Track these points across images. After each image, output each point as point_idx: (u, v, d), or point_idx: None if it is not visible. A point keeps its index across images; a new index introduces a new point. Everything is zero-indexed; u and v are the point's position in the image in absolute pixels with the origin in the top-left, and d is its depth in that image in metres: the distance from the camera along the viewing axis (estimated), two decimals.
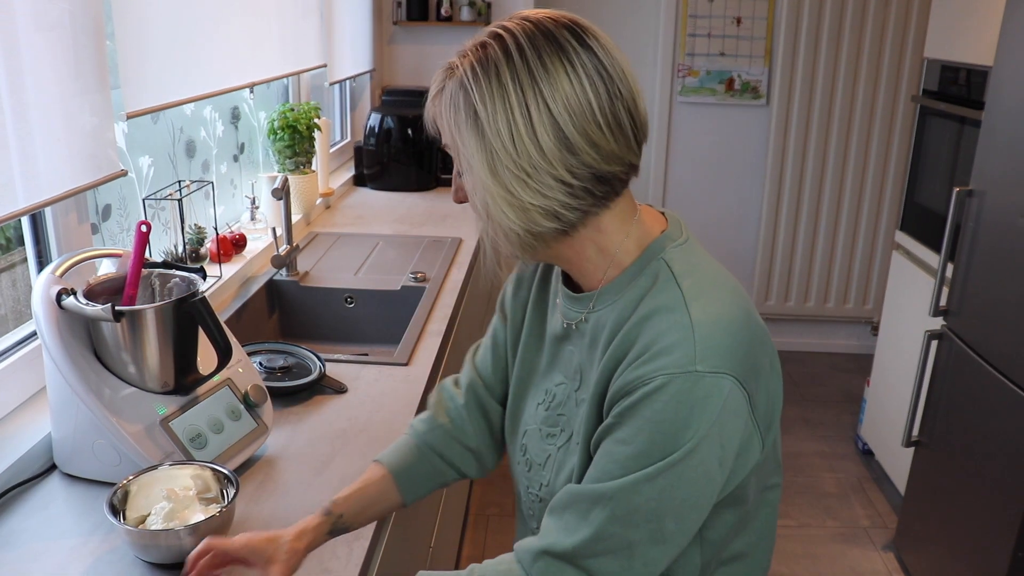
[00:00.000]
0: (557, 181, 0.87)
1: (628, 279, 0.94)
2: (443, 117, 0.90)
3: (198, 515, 1.06)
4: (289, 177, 2.41)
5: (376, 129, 3.09)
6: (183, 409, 1.22)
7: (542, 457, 1.03)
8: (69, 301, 1.14)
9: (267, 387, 1.39)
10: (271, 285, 2.08)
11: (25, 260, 1.44)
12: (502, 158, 0.86)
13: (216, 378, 1.28)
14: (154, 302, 1.26)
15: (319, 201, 2.73)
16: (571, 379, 1.00)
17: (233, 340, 1.30)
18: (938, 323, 2.43)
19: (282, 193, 1.98)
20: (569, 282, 1.02)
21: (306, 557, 1.02)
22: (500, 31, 0.88)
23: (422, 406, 1.54)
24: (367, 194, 3.10)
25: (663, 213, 1.01)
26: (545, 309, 1.07)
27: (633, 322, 0.89)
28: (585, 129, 0.86)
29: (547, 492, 1.02)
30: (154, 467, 1.13)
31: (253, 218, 2.26)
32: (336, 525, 1.06)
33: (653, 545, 0.87)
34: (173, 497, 1.07)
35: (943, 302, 2.40)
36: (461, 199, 0.96)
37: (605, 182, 0.89)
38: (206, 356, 1.26)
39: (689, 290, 0.89)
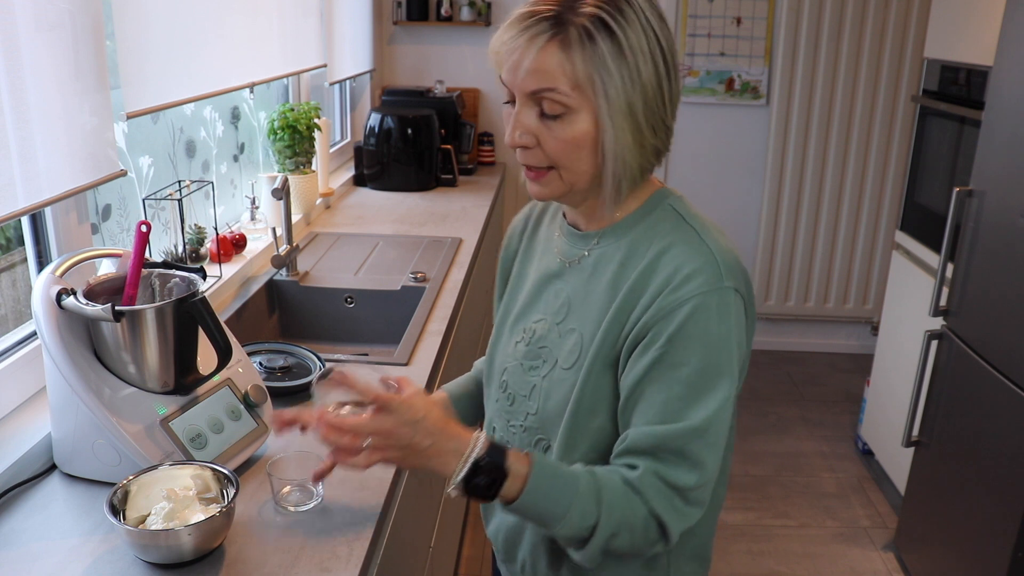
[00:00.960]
0: (663, 124, 0.99)
1: (635, 219, 1.04)
2: (568, 59, 0.93)
3: (198, 515, 1.06)
4: (289, 177, 2.41)
5: (376, 129, 3.09)
6: (183, 409, 1.22)
7: (526, 389, 1.09)
8: (69, 301, 1.14)
9: (267, 387, 1.39)
10: (271, 285, 2.08)
11: (25, 260, 1.44)
12: (639, 100, 0.94)
13: (216, 378, 1.28)
14: (154, 302, 1.26)
15: (319, 201, 2.73)
16: (553, 314, 1.08)
17: (233, 340, 1.30)
18: (938, 323, 2.43)
19: (282, 193, 1.98)
20: (569, 223, 1.11)
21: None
22: None
23: None
24: (367, 194, 3.10)
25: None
26: (531, 257, 1.17)
27: (652, 255, 0.99)
28: (677, 82, 0.99)
29: (534, 421, 1.09)
30: (154, 467, 1.13)
31: (253, 218, 2.26)
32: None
33: (718, 450, 0.98)
34: (173, 497, 1.07)
35: (943, 302, 2.40)
36: (526, 143, 0.98)
37: (672, 131, 1.02)
38: (206, 356, 1.26)
39: (700, 228, 1.01)
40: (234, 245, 2.06)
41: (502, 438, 1.15)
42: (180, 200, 1.70)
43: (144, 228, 1.20)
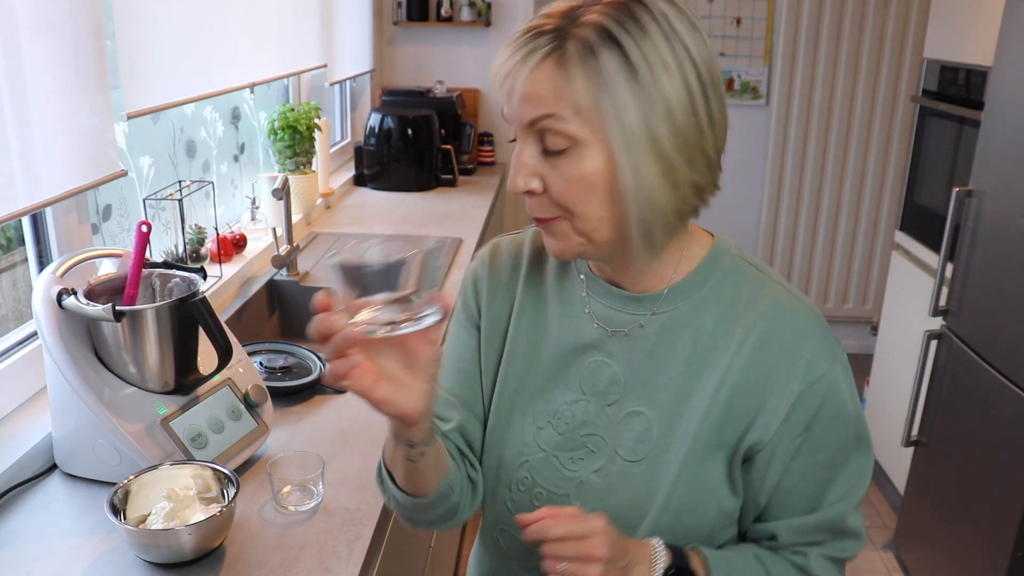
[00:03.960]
0: (703, 155, 0.79)
1: (703, 277, 0.88)
2: (565, 77, 0.75)
3: (198, 515, 1.06)
4: (289, 177, 2.41)
5: (376, 129, 3.10)
6: (183, 409, 1.22)
7: (568, 487, 0.91)
8: (70, 301, 1.15)
9: (267, 387, 1.39)
10: (271, 285, 2.08)
11: (26, 260, 1.44)
12: (663, 126, 0.76)
13: (216, 378, 1.28)
14: (154, 302, 1.26)
15: (319, 201, 2.73)
16: (599, 394, 0.90)
17: (233, 340, 1.30)
18: (938, 323, 2.43)
19: (282, 193, 1.98)
20: (608, 282, 0.92)
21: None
22: None
23: None
24: (367, 194, 3.10)
25: None
26: (542, 314, 0.95)
27: (759, 325, 0.85)
28: (719, 101, 0.80)
29: None
30: (154, 467, 1.13)
31: (253, 218, 2.26)
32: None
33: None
34: (173, 497, 1.07)
35: (943, 302, 2.40)
36: (532, 188, 0.81)
37: (720, 160, 0.83)
38: (206, 356, 1.26)
39: (784, 283, 0.90)
40: (234, 245, 2.06)
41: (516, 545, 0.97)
42: (180, 200, 1.70)
43: (144, 228, 1.20)
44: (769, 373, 0.84)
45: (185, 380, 1.24)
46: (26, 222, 1.41)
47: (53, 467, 1.25)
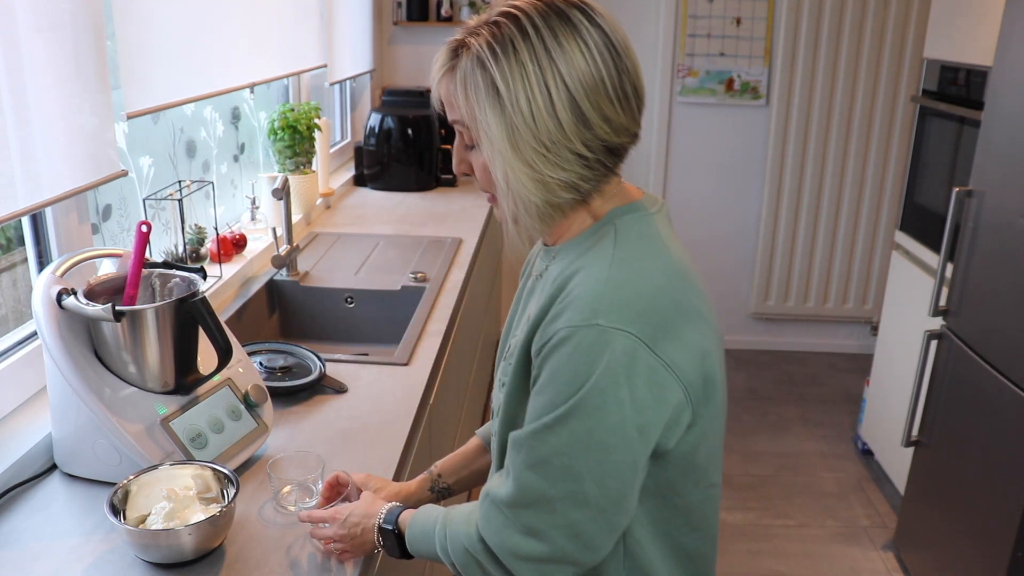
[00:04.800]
0: (574, 155, 0.90)
1: (584, 238, 0.97)
2: (457, 93, 0.91)
3: (198, 515, 1.06)
4: (289, 177, 2.41)
5: (376, 129, 3.10)
6: (183, 409, 1.22)
7: (497, 406, 1.05)
8: (69, 301, 1.15)
9: (267, 387, 1.39)
10: (271, 285, 2.08)
11: (25, 260, 1.44)
12: (523, 134, 0.89)
13: (216, 378, 1.28)
14: (154, 302, 1.26)
15: (319, 201, 2.73)
16: (521, 330, 1.02)
17: (233, 340, 1.30)
18: (938, 323, 2.43)
19: (282, 193, 1.98)
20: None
21: (406, 503, 1.15)
22: (512, 10, 0.91)
23: (422, 406, 1.54)
24: (367, 194, 3.10)
25: (645, 193, 1.04)
26: (531, 274, 1.12)
27: (566, 275, 0.93)
28: (599, 103, 0.90)
29: (496, 439, 1.07)
30: (154, 467, 1.13)
31: (253, 218, 2.26)
32: (436, 483, 1.24)
33: (575, 507, 0.88)
34: (173, 497, 1.07)
35: (943, 302, 2.40)
36: (465, 171, 1.00)
37: (615, 153, 0.94)
38: (206, 356, 1.26)
39: (621, 251, 0.92)
40: (234, 245, 2.06)
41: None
42: (180, 200, 1.70)
43: (144, 228, 1.20)
44: (546, 312, 0.92)
45: (185, 380, 1.24)
46: (26, 222, 1.41)
47: (53, 467, 1.25)
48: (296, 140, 2.46)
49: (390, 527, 1.05)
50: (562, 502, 0.89)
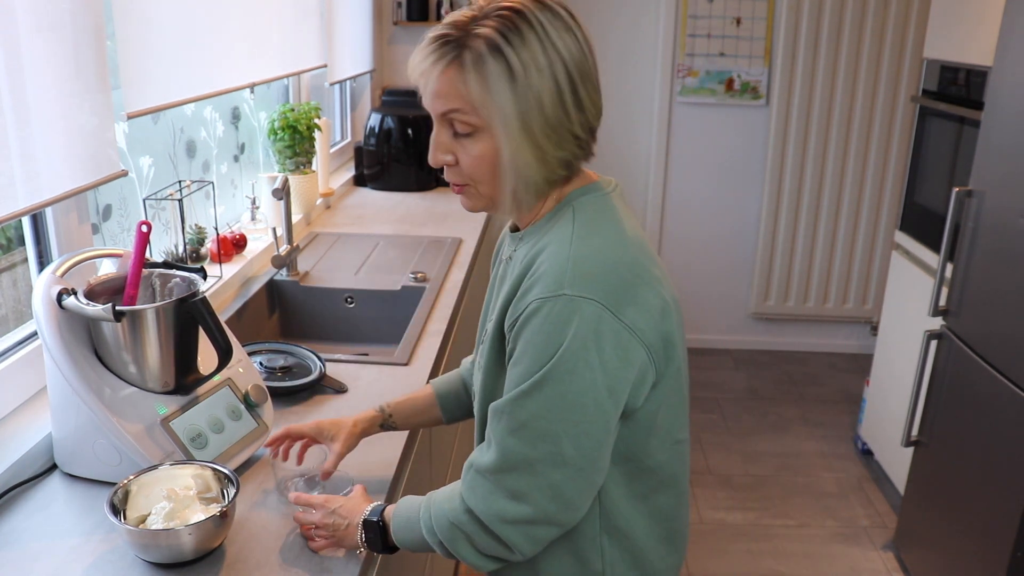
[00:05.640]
0: (571, 135, 0.99)
1: (546, 220, 1.04)
2: (467, 80, 0.95)
3: (198, 515, 1.06)
4: (289, 177, 2.41)
5: (376, 129, 3.10)
6: (183, 409, 1.22)
7: (477, 388, 1.11)
8: (70, 301, 1.15)
9: (267, 387, 1.39)
10: (271, 285, 2.08)
11: (26, 260, 1.44)
12: (535, 116, 0.96)
13: (216, 378, 1.28)
14: (155, 302, 1.26)
15: (319, 201, 2.73)
16: (493, 314, 1.08)
17: (233, 340, 1.31)
18: (938, 323, 2.43)
19: (282, 193, 1.98)
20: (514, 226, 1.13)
21: (360, 441, 1.27)
22: (513, 4, 0.96)
23: None
24: (367, 194, 3.10)
25: (600, 176, 1.11)
26: (500, 266, 1.17)
27: (532, 255, 1.00)
28: (588, 89, 0.99)
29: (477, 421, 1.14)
30: (154, 467, 1.13)
31: (253, 218, 2.26)
32: (386, 421, 1.30)
33: (554, 468, 0.95)
34: (173, 497, 1.07)
35: (943, 302, 2.40)
36: (445, 162, 1.02)
37: (593, 135, 1.03)
38: (206, 356, 1.26)
39: (580, 229, 1.00)
40: (234, 245, 2.06)
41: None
42: (180, 200, 1.70)
43: (145, 228, 1.20)
44: (516, 290, 0.99)
45: (185, 380, 1.24)
46: (26, 222, 1.41)
47: (53, 467, 1.25)
48: (296, 140, 2.46)
49: (375, 519, 1.08)
50: (542, 463, 0.95)
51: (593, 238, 0.99)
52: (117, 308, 1.13)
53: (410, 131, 3.09)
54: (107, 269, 1.32)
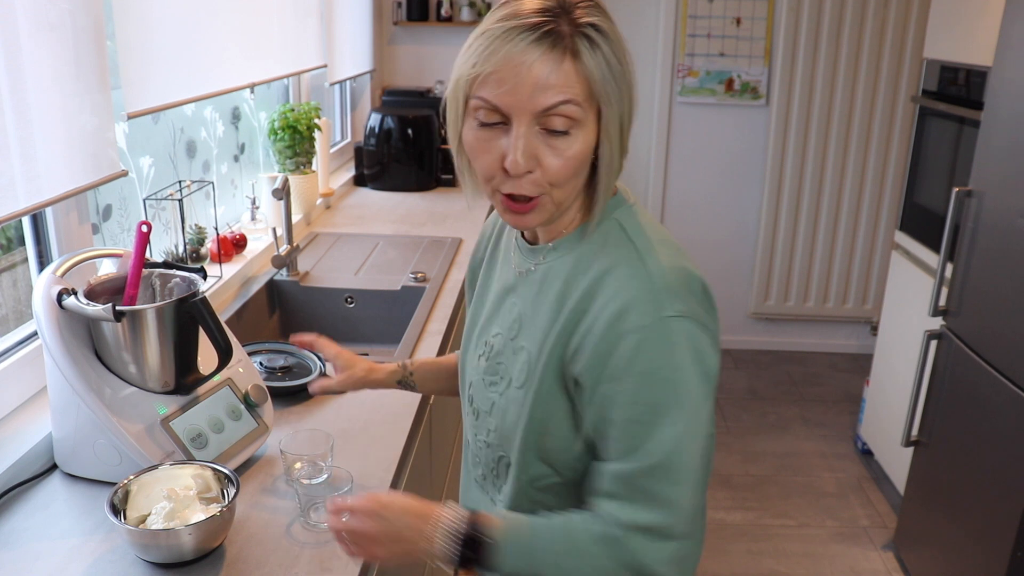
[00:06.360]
0: (628, 132, 0.95)
1: (583, 232, 0.99)
2: (576, 71, 0.87)
3: (198, 515, 1.07)
4: (289, 177, 2.41)
5: (376, 129, 3.10)
6: (184, 409, 1.23)
7: (487, 405, 1.06)
8: (70, 301, 1.15)
9: (267, 387, 1.39)
10: (271, 285, 2.08)
11: (26, 260, 1.44)
12: (630, 110, 0.93)
13: (216, 378, 1.28)
14: (155, 302, 1.26)
15: (319, 201, 2.73)
16: (508, 329, 1.04)
17: (233, 340, 1.31)
18: (937, 323, 2.43)
19: (282, 193, 1.98)
20: (523, 236, 1.08)
21: (374, 388, 1.30)
22: None
23: (422, 406, 1.54)
24: (367, 194, 3.10)
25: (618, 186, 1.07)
26: (494, 267, 1.13)
27: (592, 277, 0.94)
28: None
29: (495, 438, 1.05)
30: (155, 467, 1.13)
31: (253, 218, 2.27)
32: (405, 379, 1.29)
33: (701, 493, 0.94)
34: (174, 497, 1.07)
35: (943, 302, 2.40)
36: (527, 169, 0.90)
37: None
38: (206, 356, 1.26)
39: (642, 246, 0.95)
40: (234, 245, 2.06)
41: (471, 450, 1.13)
42: (181, 200, 1.71)
43: (145, 228, 1.20)
44: (586, 311, 0.93)
45: (185, 380, 1.24)
46: (26, 222, 1.41)
47: (53, 467, 1.26)
48: (296, 140, 2.46)
49: (478, 534, 0.92)
50: (694, 496, 0.92)
51: (659, 254, 0.94)
52: (117, 308, 1.13)
53: (410, 131, 3.09)
54: (107, 269, 1.32)
